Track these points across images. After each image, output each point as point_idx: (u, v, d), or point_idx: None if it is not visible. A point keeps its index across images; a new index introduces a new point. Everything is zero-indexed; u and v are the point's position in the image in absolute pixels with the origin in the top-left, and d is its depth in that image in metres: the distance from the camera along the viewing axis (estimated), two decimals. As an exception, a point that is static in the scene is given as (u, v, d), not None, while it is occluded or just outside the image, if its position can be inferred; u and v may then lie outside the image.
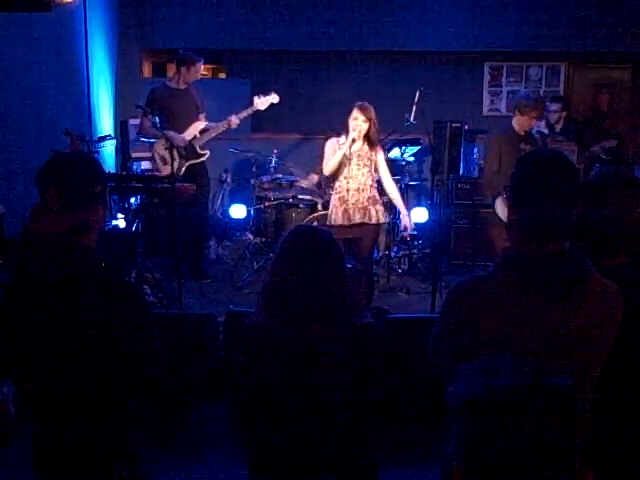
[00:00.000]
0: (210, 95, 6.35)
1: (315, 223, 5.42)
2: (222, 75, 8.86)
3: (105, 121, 7.16)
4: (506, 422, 1.01)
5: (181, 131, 5.75)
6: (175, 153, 5.20)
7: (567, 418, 1.02)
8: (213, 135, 5.86)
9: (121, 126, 7.27)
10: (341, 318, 2.03)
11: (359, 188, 4.77)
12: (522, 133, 5.30)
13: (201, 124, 5.87)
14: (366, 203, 4.78)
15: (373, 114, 4.69)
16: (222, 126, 5.80)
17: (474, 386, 1.06)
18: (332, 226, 4.71)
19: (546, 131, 6.63)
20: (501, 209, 5.26)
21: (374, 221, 4.80)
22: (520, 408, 1.01)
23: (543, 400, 1.03)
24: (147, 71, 8.36)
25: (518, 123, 5.28)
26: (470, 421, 1.04)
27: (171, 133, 5.49)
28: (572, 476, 1.02)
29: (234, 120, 5.75)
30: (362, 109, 4.66)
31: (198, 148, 5.84)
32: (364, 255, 4.90)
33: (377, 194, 4.85)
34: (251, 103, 5.82)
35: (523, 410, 1.01)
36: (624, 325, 1.78)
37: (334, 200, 4.84)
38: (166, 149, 5.62)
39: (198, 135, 5.84)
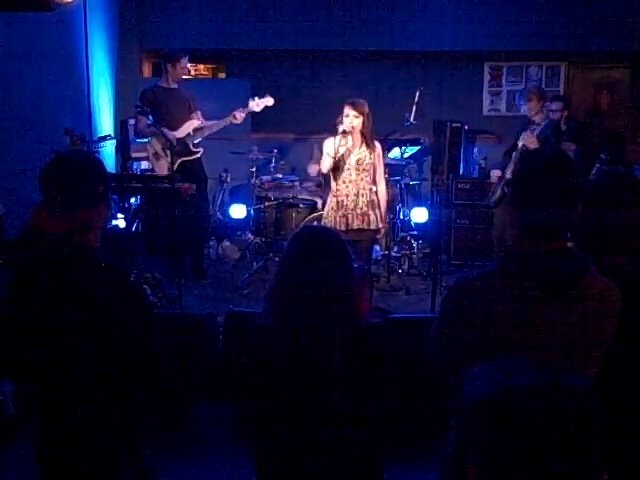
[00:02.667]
0: (210, 95, 6.36)
1: (315, 223, 5.42)
2: (222, 75, 8.86)
3: (105, 121, 7.17)
4: (524, 421, 1.00)
5: (174, 129, 5.75)
6: (167, 150, 5.21)
7: (585, 418, 1.02)
8: (206, 133, 5.86)
9: (121, 126, 7.27)
10: (349, 319, 2.02)
11: (358, 192, 4.70)
12: (534, 119, 5.58)
13: (195, 122, 5.87)
14: (365, 208, 4.71)
15: (366, 109, 4.63)
16: (224, 122, 5.81)
17: (491, 386, 1.05)
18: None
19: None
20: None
21: (373, 227, 4.74)
22: (539, 408, 1.01)
23: (562, 400, 1.02)
24: (147, 71, 8.36)
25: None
26: (487, 420, 1.03)
27: (163, 130, 5.50)
28: (589, 476, 1.01)
29: (239, 114, 5.76)
30: (352, 105, 4.61)
31: (191, 146, 5.84)
32: (362, 257, 4.87)
33: (376, 198, 4.78)
34: (246, 105, 5.83)
35: (542, 409, 1.01)
36: (625, 323, 1.78)
37: (331, 202, 4.78)
38: (164, 149, 5.64)
39: (192, 133, 5.85)
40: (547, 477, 0.99)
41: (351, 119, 4.60)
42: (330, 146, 4.70)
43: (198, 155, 5.92)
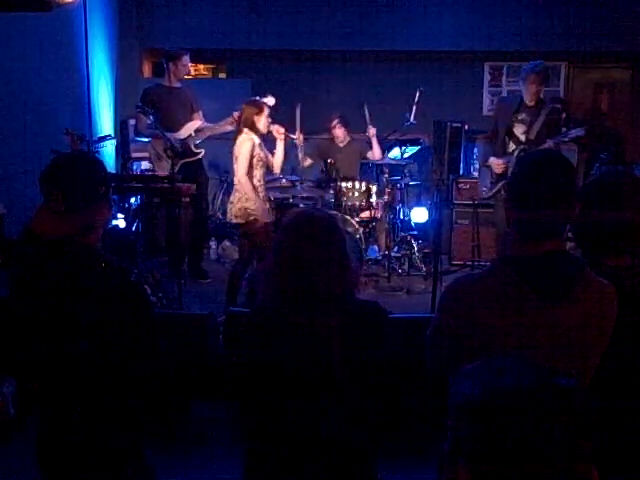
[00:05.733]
0: (210, 95, 6.37)
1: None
2: (222, 75, 8.87)
3: (105, 121, 7.17)
4: (512, 423, 1.00)
5: (176, 129, 5.74)
6: (169, 151, 5.20)
7: (574, 419, 1.02)
8: (208, 134, 5.86)
9: (121, 126, 7.27)
10: (344, 300, 2.00)
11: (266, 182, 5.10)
12: (531, 103, 5.26)
13: (196, 123, 5.86)
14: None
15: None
16: (224, 123, 5.78)
17: (479, 387, 1.05)
18: (268, 224, 4.95)
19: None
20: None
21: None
22: (527, 409, 1.00)
23: (549, 400, 1.02)
24: (147, 71, 8.37)
25: (524, 93, 5.29)
26: (475, 422, 1.03)
27: (164, 133, 5.49)
28: (577, 476, 1.01)
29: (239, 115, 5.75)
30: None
31: (193, 147, 5.84)
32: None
33: None
34: None
35: (530, 411, 1.00)
36: (625, 324, 1.78)
37: (261, 198, 4.95)
38: (165, 150, 5.64)
39: (193, 134, 5.84)
40: (536, 477, 0.99)
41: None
42: (247, 151, 4.89)
43: (200, 156, 5.91)
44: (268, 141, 5.16)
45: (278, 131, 5.08)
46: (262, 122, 4.93)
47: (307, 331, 1.97)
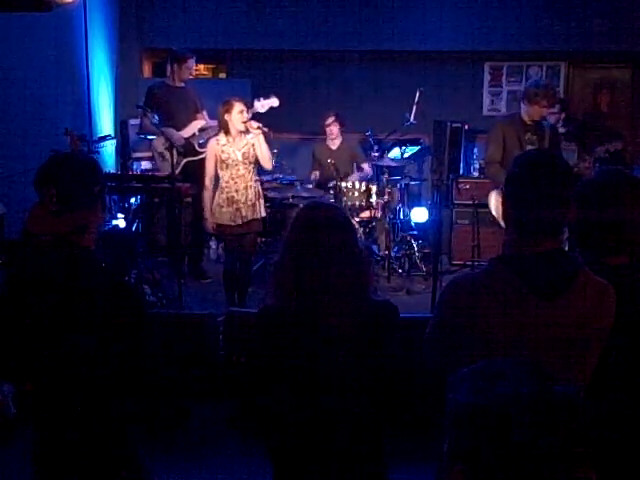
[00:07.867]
0: (210, 95, 6.36)
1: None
2: (222, 75, 8.86)
3: (105, 121, 7.16)
4: (509, 430, 0.98)
5: (180, 128, 5.75)
6: (172, 149, 5.21)
7: (573, 427, 1.00)
8: (212, 134, 5.84)
9: (121, 126, 7.27)
10: (358, 295, 1.98)
11: (247, 185, 4.93)
12: (530, 122, 5.04)
13: (200, 122, 5.87)
14: (254, 199, 4.98)
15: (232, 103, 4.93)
16: None
17: (475, 393, 1.02)
18: (219, 225, 4.91)
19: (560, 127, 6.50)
20: (495, 203, 5.19)
21: (258, 216, 5.03)
22: (525, 417, 0.98)
23: (550, 409, 1.00)
24: (147, 71, 8.36)
25: (527, 113, 5.02)
26: (472, 427, 1.02)
27: (169, 131, 5.49)
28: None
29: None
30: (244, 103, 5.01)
31: (197, 146, 5.84)
32: (249, 249, 5.14)
33: (260, 187, 5.12)
34: (251, 105, 5.83)
35: (528, 419, 0.98)
36: (624, 324, 1.78)
37: (219, 199, 4.91)
38: (166, 148, 5.64)
39: (197, 133, 5.85)
40: None
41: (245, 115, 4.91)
42: (208, 156, 4.97)
43: (203, 156, 5.91)
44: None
45: (251, 126, 4.96)
46: (234, 120, 4.87)
47: (318, 332, 1.95)
